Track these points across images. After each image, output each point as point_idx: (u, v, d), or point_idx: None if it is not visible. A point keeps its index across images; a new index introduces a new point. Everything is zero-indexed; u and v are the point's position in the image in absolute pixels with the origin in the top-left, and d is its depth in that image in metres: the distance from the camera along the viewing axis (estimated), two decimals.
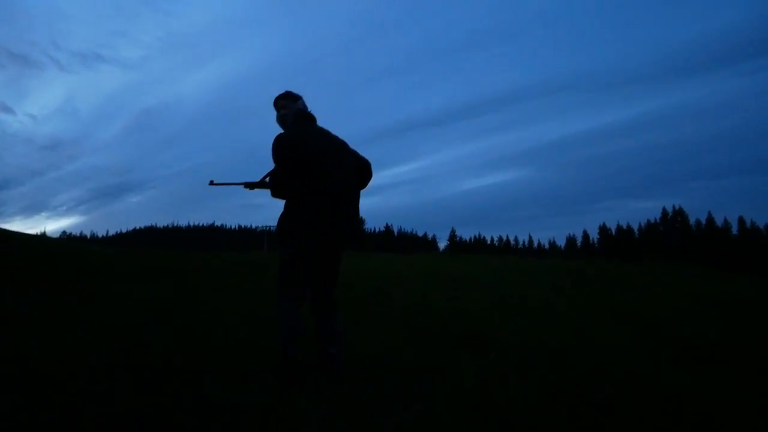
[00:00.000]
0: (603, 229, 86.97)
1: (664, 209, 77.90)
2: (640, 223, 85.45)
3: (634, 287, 8.52)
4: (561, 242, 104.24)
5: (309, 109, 3.25)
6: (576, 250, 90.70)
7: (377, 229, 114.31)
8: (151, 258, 10.81)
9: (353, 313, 5.16)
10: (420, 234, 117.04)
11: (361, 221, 3.53)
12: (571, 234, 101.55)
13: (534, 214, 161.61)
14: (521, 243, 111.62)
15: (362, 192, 3.22)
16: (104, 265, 8.79)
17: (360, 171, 3.19)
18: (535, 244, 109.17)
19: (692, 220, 75.38)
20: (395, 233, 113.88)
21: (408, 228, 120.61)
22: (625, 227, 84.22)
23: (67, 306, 5.21)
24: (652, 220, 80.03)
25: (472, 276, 9.90)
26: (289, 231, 2.85)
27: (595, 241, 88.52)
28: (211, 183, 3.23)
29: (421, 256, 18.94)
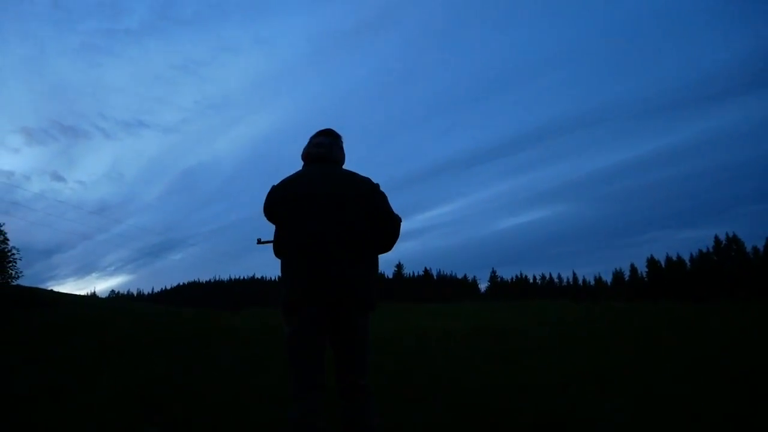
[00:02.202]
0: (651, 262, 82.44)
1: (716, 237, 73.57)
2: (691, 254, 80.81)
3: (734, 340, 7.20)
4: (607, 277, 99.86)
5: (331, 149, 2.59)
6: (624, 285, 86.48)
7: (416, 274, 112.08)
8: (176, 321, 10.15)
9: (389, 387, 4.22)
10: (459, 276, 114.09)
11: (375, 284, 2.37)
12: (618, 268, 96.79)
13: (576, 250, 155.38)
14: (565, 280, 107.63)
15: (400, 240, 2.57)
16: (121, 334, 8.09)
17: (383, 228, 2.45)
18: (580, 281, 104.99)
19: (749, 248, 70.83)
20: (434, 276, 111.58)
21: (447, 271, 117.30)
22: (675, 259, 79.81)
23: (62, 388, 4.51)
24: (704, 250, 75.63)
25: (527, 329, 8.78)
26: (282, 301, 2.29)
27: (644, 275, 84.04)
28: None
29: (465, 306, 17.67)
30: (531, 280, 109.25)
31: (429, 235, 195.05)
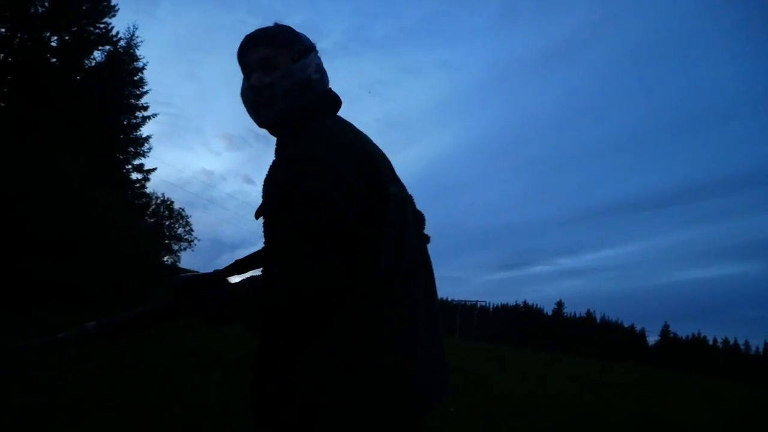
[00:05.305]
0: None
1: None
2: None
3: None
4: None
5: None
6: None
7: (577, 314, 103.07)
8: None
9: None
10: (626, 324, 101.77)
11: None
12: None
13: None
14: (753, 349, 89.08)
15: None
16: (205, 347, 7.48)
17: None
18: None
19: None
20: (597, 320, 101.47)
21: (612, 317, 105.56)
22: None
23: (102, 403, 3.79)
24: None
25: None
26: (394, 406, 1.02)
27: None
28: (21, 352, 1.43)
29: (627, 371, 14.66)
30: (711, 342, 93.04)
31: (596, 276, 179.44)
